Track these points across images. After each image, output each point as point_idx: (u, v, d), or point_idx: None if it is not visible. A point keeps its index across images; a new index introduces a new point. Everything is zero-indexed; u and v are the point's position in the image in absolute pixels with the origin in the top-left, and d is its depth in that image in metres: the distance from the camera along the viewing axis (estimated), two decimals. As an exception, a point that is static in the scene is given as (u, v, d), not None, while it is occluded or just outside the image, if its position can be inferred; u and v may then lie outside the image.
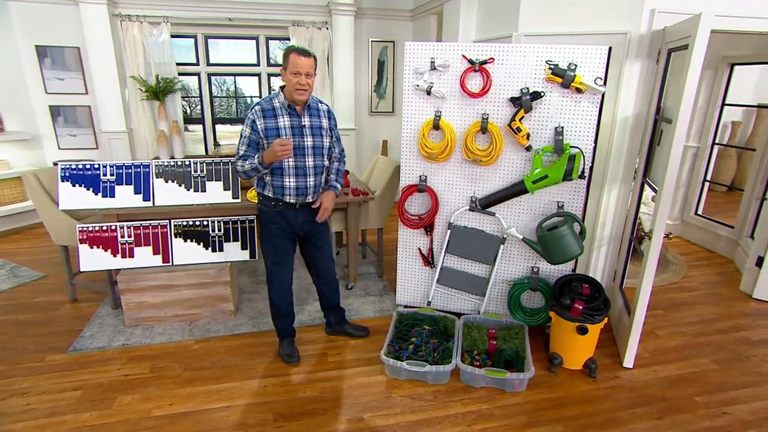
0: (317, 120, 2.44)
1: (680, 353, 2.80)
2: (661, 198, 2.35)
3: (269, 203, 2.49)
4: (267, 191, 2.47)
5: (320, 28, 5.09)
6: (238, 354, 2.78)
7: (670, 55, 2.60)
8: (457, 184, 2.87)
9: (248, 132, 2.34)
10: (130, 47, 4.75)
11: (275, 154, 2.24)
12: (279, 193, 2.44)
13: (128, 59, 4.77)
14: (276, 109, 2.34)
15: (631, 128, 2.84)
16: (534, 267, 2.88)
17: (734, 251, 4.11)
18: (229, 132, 5.97)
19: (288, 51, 2.26)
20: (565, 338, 2.62)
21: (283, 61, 2.28)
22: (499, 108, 2.66)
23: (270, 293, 2.68)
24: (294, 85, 2.26)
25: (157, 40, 4.83)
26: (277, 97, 2.36)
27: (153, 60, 4.84)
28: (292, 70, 2.24)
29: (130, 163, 3.02)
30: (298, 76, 2.24)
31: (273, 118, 2.33)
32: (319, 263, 2.76)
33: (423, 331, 2.76)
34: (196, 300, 3.06)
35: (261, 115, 2.31)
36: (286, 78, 2.28)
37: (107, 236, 2.98)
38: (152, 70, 4.85)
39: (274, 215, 2.50)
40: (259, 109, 2.32)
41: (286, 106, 2.35)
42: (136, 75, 4.78)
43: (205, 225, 3.09)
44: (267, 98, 2.37)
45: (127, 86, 4.83)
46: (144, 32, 4.77)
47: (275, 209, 2.48)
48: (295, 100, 2.32)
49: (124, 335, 2.94)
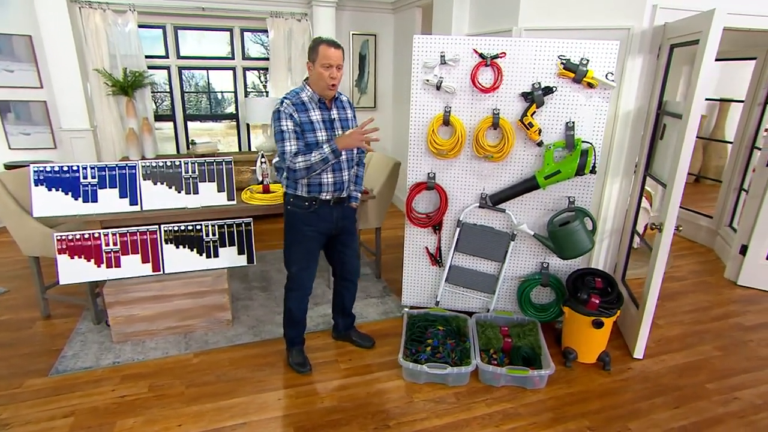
0: (344, 112, 2.40)
1: (683, 342, 2.93)
2: (672, 191, 2.44)
3: (302, 204, 2.38)
4: (300, 191, 2.37)
5: (300, 20, 4.95)
6: (244, 366, 2.66)
7: (672, 50, 2.70)
8: (466, 181, 2.87)
9: (291, 126, 2.22)
10: (91, 37, 4.42)
11: (353, 143, 2.19)
12: (315, 191, 2.36)
13: (90, 50, 4.45)
14: (306, 103, 2.26)
15: (633, 122, 2.93)
16: (544, 263, 2.93)
17: (714, 240, 4.36)
18: (200, 130, 5.71)
19: (317, 43, 2.20)
20: (580, 332, 2.67)
21: (311, 53, 2.21)
22: (510, 103, 2.68)
23: (288, 301, 2.57)
24: (326, 79, 2.20)
25: (123, 30, 4.52)
26: (304, 91, 2.28)
27: (119, 52, 4.54)
28: (322, 62, 2.17)
29: (114, 165, 2.81)
30: (329, 69, 2.19)
31: (305, 112, 2.25)
32: (347, 261, 2.67)
33: (438, 332, 2.75)
34: (192, 310, 2.90)
35: (294, 109, 2.23)
36: (316, 71, 2.21)
37: (90, 245, 2.76)
38: (118, 63, 4.55)
39: (307, 216, 2.40)
40: (290, 103, 2.22)
41: (316, 100, 2.29)
42: (100, 68, 4.47)
43: (198, 229, 2.93)
44: (292, 93, 2.29)
45: (90, 80, 4.50)
46: (107, 21, 4.45)
47: (309, 209, 2.38)
48: (324, 94, 2.27)
49: (112, 352, 2.74)
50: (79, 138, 4.53)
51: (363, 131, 2.21)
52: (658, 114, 2.83)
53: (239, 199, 3.09)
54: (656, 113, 2.84)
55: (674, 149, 2.43)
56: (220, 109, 5.58)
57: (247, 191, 3.18)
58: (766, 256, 3.54)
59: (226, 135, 6.03)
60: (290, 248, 2.48)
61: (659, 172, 2.81)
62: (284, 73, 5.07)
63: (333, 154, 2.21)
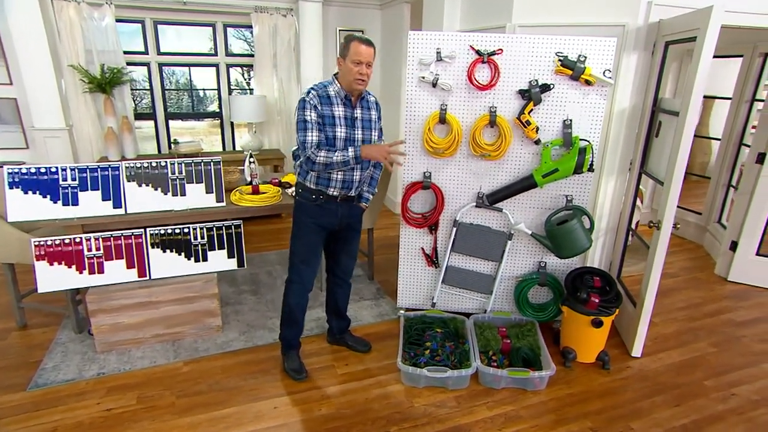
0: (368, 113, 2.41)
1: (679, 339, 2.97)
2: (670, 189, 2.46)
3: (309, 196, 2.39)
4: (309, 182, 2.38)
5: (285, 15, 4.86)
6: (237, 374, 2.59)
7: (667, 47, 2.72)
8: (462, 180, 2.85)
9: (313, 117, 2.21)
10: (65, 32, 4.27)
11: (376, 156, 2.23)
12: (323, 185, 2.37)
13: (65, 46, 4.29)
14: (331, 97, 2.26)
15: (628, 120, 2.96)
16: (541, 262, 2.93)
17: (703, 236, 4.44)
18: (181, 129, 5.57)
19: (349, 39, 2.21)
20: (579, 332, 2.68)
21: (343, 49, 2.23)
22: (508, 101, 2.67)
23: (288, 295, 2.55)
24: (354, 75, 2.21)
25: (100, 24, 4.38)
26: (332, 85, 2.28)
27: (95, 47, 4.39)
28: (353, 58, 2.18)
29: (96, 166, 2.70)
30: (359, 66, 2.20)
31: (329, 106, 2.25)
32: (343, 259, 2.67)
33: (437, 335, 2.72)
34: (180, 317, 2.81)
35: (318, 101, 2.22)
36: (346, 66, 2.21)
37: (71, 250, 2.65)
38: (95, 59, 4.40)
39: (312, 209, 2.41)
40: (315, 95, 2.22)
41: (342, 95, 2.29)
42: (75, 64, 4.31)
43: (186, 233, 2.84)
44: (320, 84, 2.28)
45: (64, 76, 4.34)
46: (82, 14, 4.30)
47: (315, 202, 2.39)
48: (353, 89, 2.27)
49: (96, 363, 2.64)
50: (53, 137, 4.37)
51: (390, 150, 2.25)
52: (653, 111, 2.85)
53: (228, 200, 3.01)
54: (651, 110, 2.86)
55: (672, 147, 2.45)
56: (203, 107, 5.46)
57: (236, 192, 3.10)
58: (755, 252, 3.62)
59: (209, 134, 5.92)
60: (294, 239, 2.50)
61: (655, 169, 2.83)
62: (269, 69, 4.98)
63: (355, 160, 2.24)
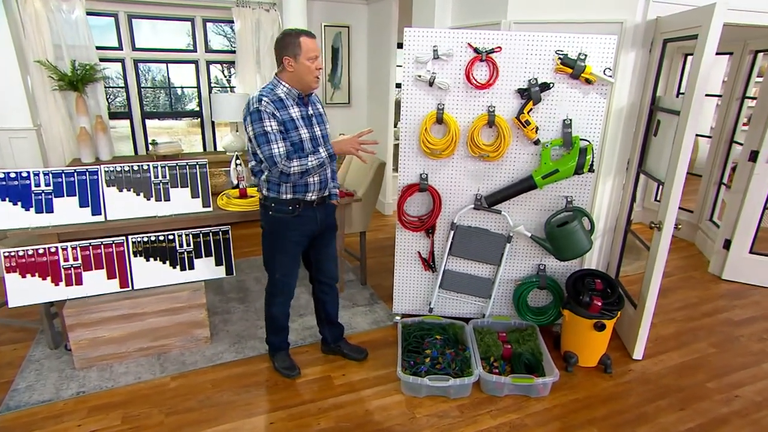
0: (317, 107, 2.35)
1: (678, 340, 3.01)
2: (672, 189, 2.48)
3: (286, 208, 2.30)
4: (284, 194, 2.27)
5: (268, 10, 4.76)
6: (228, 388, 2.51)
7: (665, 45, 2.75)
8: (460, 182, 2.83)
9: (275, 126, 2.11)
10: (31, 25, 4.08)
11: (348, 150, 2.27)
12: (301, 192, 2.29)
13: (30, 40, 4.10)
14: (283, 100, 2.16)
15: (626, 119, 2.97)
16: (541, 265, 2.92)
17: (695, 235, 4.53)
18: (159, 128, 5.42)
19: (295, 35, 2.11)
20: (581, 336, 2.69)
21: (290, 48, 2.11)
22: (506, 100, 2.65)
23: (270, 307, 2.51)
24: (313, 72, 2.15)
25: (69, 17, 4.21)
26: (279, 87, 2.18)
27: (64, 42, 4.22)
28: (309, 55, 2.12)
29: (72, 170, 2.58)
30: (315, 61, 2.14)
31: (284, 110, 2.15)
32: (325, 262, 2.61)
33: (436, 342, 2.69)
34: (166, 329, 2.72)
35: (274, 107, 2.11)
36: (301, 66, 2.12)
37: (45, 261, 2.53)
38: (64, 54, 4.22)
39: (291, 221, 2.33)
40: (268, 101, 2.10)
41: (294, 96, 2.20)
42: (43, 59, 4.13)
43: (170, 240, 2.75)
44: (266, 89, 2.16)
45: (31, 73, 4.16)
46: (49, 6, 4.12)
47: (293, 213, 2.31)
48: (309, 88, 2.21)
49: (75, 381, 2.52)
50: (19, 138, 4.18)
51: (360, 141, 2.26)
52: (652, 110, 2.88)
53: (215, 205, 2.93)
54: (649, 109, 2.88)
55: (673, 146, 2.47)
56: (181, 105, 5.32)
57: (223, 196, 3.02)
58: (749, 250, 3.69)
59: (188, 134, 5.77)
60: (273, 256, 2.41)
61: (654, 168, 2.86)
62: (252, 66, 4.88)
63: (330, 158, 2.25)
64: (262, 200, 2.35)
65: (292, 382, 2.58)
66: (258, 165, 2.25)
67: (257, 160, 2.23)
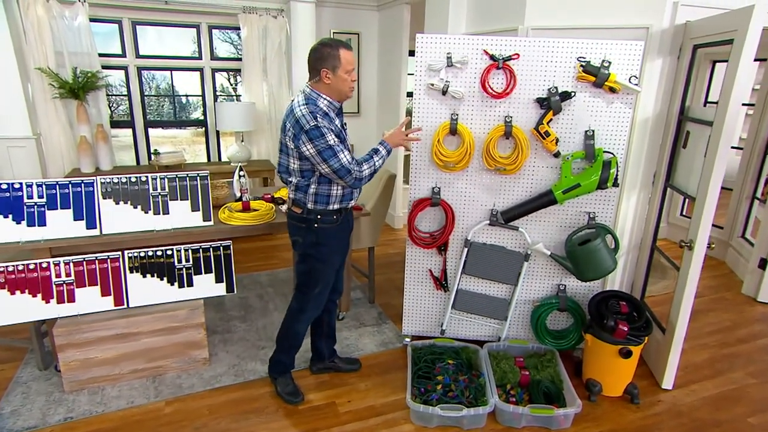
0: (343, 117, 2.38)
1: (713, 368, 2.87)
2: (705, 205, 2.37)
3: (332, 218, 2.32)
4: (332, 204, 2.29)
5: (276, 16, 4.76)
6: (227, 414, 2.43)
7: (695, 51, 2.66)
8: (474, 196, 2.75)
9: (335, 138, 2.12)
10: (32, 31, 4.10)
11: (399, 143, 2.38)
12: (347, 200, 2.35)
13: (31, 47, 4.13)
14: (328, 114, 2.17)
15: (652, 130, 2.88)
16: (561, 285, 2.82)
17: (725, 252, 4.38)
18: (162, 137, 5.43)
19: (334, 48, 2.13)
20: (605, 363, 2.57)
21: (328, 60, 2.12)
22: (524, 110, 2.58)
23: (297, 324, 2.48)
24: (349, 84, 2.20)
25: (72, 24, 4.23)
26: (320, 100, 2.18)
27: (66, 49, 4.24)
28: (347, 68, 2.15)
29: (67, 181, 2.55)
30: (351, 73, 2.19)
31: (331, 122, 2.16)
32: (341, 274, 2.64)
33: (448, 367, 2.59)
34: (162, 349, 2.66)
35: (328, 121, 2.13)
36: (338, 78, 2.15)
37: (36, 277, 2.49)
38: (66, 62, 4.24)
39: (336, 231, 2.37)
40: (321, 114, 2.11)
41: (335, 108, 2.25)
42: (44, 66, 4.15)
43: (169, 255, 2.70)
44: (311, 104, 2.13)
45: (31, 80, 4.18)
46: (52, 13, 4.15)
47: (337, 223, 2.34)
48: (347, 98, 2.26)
49: (64, 405, 2.46)
50: (18, 147, 4.19)
51: (407, 132, 2.40)
52: (680, 120, 2.78)
53: (216, 219, 2.88)
54: (678, 119, 2.79)
55: (706, 160, 2.36)
56: (185, 114, 5.33)
57: (224, 210, 2.96)
58: (786, 271, 3.55)
59: (192, 143, 5.78)
60: (316, 270, 2.39)
61: (682, 183, 2.75)
62: (258, 74, 4.87)
63: (388, 154, 2.34)
64: (302, 215, 2.30)
65: (295, 408, 2.49)
66: (305, 180, 2.24)
67: (305, 176, 2.23)
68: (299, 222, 2.33)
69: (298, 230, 2.35)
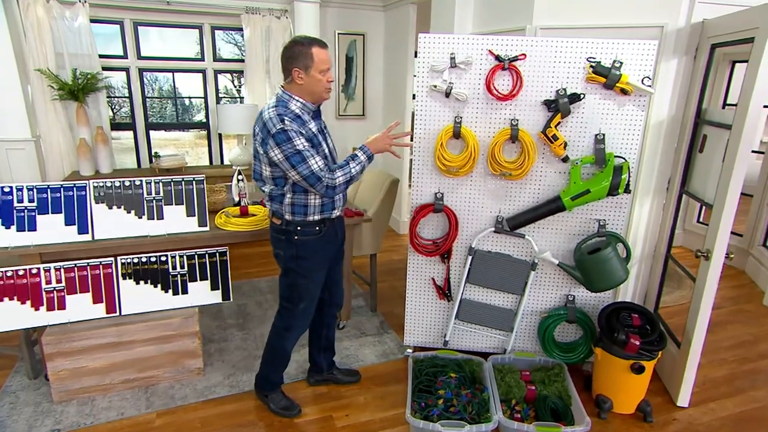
0: (324, 121, 2.28)
1: (732, 385, 2.76)
2: (723, 213, 2.28)
3: (313, 230, 2.22)
4: (312, 215, 2.18)
5: (279, 17, 4.73)
6: (219, 427, 2.38)
7: (713, 50, 2.57)
8: (479, 202, 2.67)
9: (305, 143, 2.02)
10: (32, 32, 4.10)
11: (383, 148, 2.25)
12: (328, 211, 2.23)
13: (31, 48, 4.13)
14: (300, 116, 2.07)
15: (666, 133, 2.79)
16: (569, 295, 2.73)
17: (745, 261, 4.25)
18: (164, 140, 5.42)
19: (306, 46, 2.02)
20: (616, 378, 2.48)
21: (300, 59, 2.03)
22: (531, 112, 2.50)
23: (284, 342, 2.40)
24: (324, 84, 2.09)
25: (72, 24, 4.23)
26: (292, 102, 2.09)
27: (66, 50, 4.24)
28: (321, 67, 2.05)
29: (59, 185, 2.52)
30: (327, 73, 2.08)
31: (304, 126, 2.06)
32: (337, 288, 2.57)
33: (450, 381, 2.52)
34: (155, 359, 2.61)
35: (297, 125, 2.02)
36: (311, 78, 2.05)
37: (25, 283, 2.46)
38: (66, 63, 4.24)
39: (318, 244, 2.25)
40: (291, 118, 2.02)
41: (310, 110, 2.13)
42: (44, 68, 4.15)
43: (163, 261, 2.66)
44: (281, 107, 2.05)
45: (31, 82, 4.18)
46: (52, 14, 4.15)
47: (319, 235, 2.23)
48: (322, 99, 2.16)
49: (51, 416, 2.42)
50: (17, 149, 4.19)
51: (392, 135, 2.26)
52: (697, 123, 2.69)
53: (212, 224, 2.83)
54: (694, 123, 2.69)
55: (725, 165, 2.27)
56: (188, 116, 5.32)
57: (221, 215, 2.92)
58: (809, 282, 3.43)
59: (195, 146, 5.77)
60: (299, 285, 2.30)
61: (699, 189, 2.66)
62: (261, 76, 4.84)
63: (369, 160, 2.21)
64: (281, 226, 2.22)
65: (290, 422, 2.43)
66: (278, 189, 2.15)
67: (278, 184, 2.14)
68: (279, 234, 2.25)
69: (279, 243, 2.27)
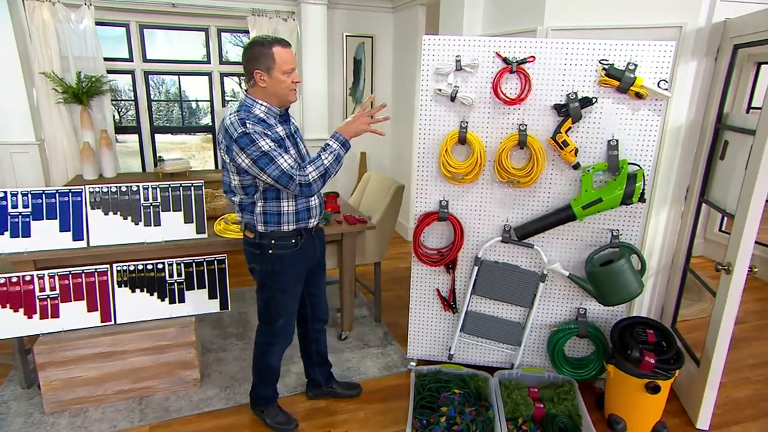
0: (295, 123, 2.21)
1: (756, 407, 2.63)
2: (745, 223, 2.18)
3: (288, 242, 2.12)
4: (286, 224, 2.09)
5: (286, 19, 4.71)
6: (213, 443, 2.33)
7: (736, 51, 2.46)
8: (486, 211, 2.60)
9: (271, 143, 1.92)
10: (38, 35, 4.13)
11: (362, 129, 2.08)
12: (304, 220, 2.14)
13: (37, 51, 4.16)
14: (264, 120, 1.98)
15: (684, 139, 2.69)
16: (581, 309, 2.64)
17: (770, 273, 4.11)
18: (170, 143, 5.43)
19: (267, 46, 1.91)
20: (630, 398, 2.38)
21: (261, 60, 1.92)
22: (540, 117, 2.43)
23: (268, 358, 2.33)
24: (289, 85, 1.99)
25: (77, 27, 4.25)
26: (255, 106, 1.99)
27: (71, 53, 4.26)
28: (284, 68, 1.95)
29: (54, 190, 2.50)
30: (291, 74, 1.98)
31: (269, 130, 1.97)
32: (320, 301, 2.49)
33: (454, 397, 2.44)
34: (150, 369, 2.58)
35: (263, 126, 1.94)
36: (274, 80, 1.95)
37: (19, 290, 2.44)
38: (71, 66, 4.26)
39: (293, 257, 2.16)
40: (254, 120, 1.93)
41: (276, 114, 2.04)
42: (48, 71, 4.18)
43: (160, 269, 2.63)
44: (243, 112, 1.95)
45: (36, 85, 4.21)
46: (57, 16, 4.18)
47: (295, 247, 2.14)
48: (288, 101, 2.06)
49: (42, 428, 2.39)
50: (21, 153, 4.23)
51: (369, 112, 2.11)
52: (717, 129, 2.58)
53: (211, 231, 2.79)
54: (714, 128, 2.59)
55: (748, 172, 2.17)
56: (195, 120, 5.31)
57: (220, 221, 2.88)
58: (839, 296, 3.28)
59: (201, 149, 5.77)
60: (276, 301, 2.22)
61: (720, 198, 2.55)
62: (267, 78, 4.81)
63: (344, 148, 2.03)
64: (254, 240, 2.12)
65: (287, 437, 2.37)
66: (248, 198, 2.06)
67: (248, 193, 2.05)
68: (252, 248, 2.15)
69: (253, 257, 2.17)
